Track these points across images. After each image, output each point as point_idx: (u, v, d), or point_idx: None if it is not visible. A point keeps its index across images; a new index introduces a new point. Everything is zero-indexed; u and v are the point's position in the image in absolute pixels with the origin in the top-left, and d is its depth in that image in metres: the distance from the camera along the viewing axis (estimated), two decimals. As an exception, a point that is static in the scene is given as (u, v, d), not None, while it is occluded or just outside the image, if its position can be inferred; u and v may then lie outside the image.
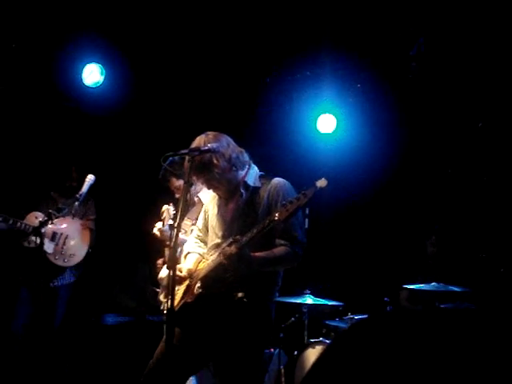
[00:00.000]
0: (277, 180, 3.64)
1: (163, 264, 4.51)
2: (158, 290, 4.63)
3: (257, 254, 3.44)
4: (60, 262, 5.59)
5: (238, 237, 3.37)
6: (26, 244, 5.45)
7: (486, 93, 6.10)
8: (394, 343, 1.64)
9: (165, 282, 4.40)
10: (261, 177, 3.70)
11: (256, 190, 3.63)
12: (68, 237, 5.68)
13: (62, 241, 5.64)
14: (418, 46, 5.88)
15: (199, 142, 3.59)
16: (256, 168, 3.75)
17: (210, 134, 3.64)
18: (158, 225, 4.49)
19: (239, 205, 3.63)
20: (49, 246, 5.53)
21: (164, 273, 4.47)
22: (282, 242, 3.52)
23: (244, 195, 3.63)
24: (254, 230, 3.34)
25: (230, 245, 3.36)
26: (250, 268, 3.41)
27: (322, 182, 3.23)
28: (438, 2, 5.51)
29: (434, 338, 1.67)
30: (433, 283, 5.55)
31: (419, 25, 5.87)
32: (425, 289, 5.67)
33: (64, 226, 5.67)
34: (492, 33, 5.61)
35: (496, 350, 1.71)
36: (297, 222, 3.56)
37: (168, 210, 4.36)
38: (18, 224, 5.35)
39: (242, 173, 3.65)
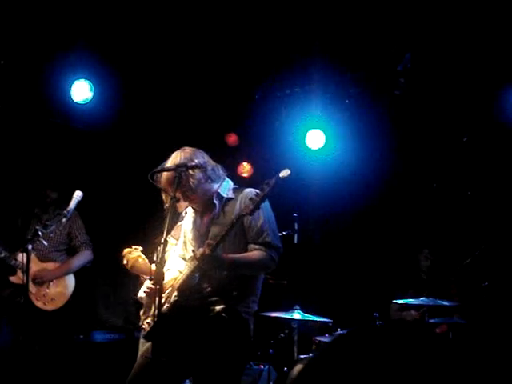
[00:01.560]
0: (248, 189, 3.69)
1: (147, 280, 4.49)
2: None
3: (229, 255, 3.49)
4: (39, 304, 5.59)
5: (209, 240, 3.43)
6: (13, 280, 5.48)
7: (471, 107, 6.15)
8: (378, 356, 1.64)
9: (144, 300, 4.41)
10: (235, 189, 3.75)
11: (229, 200, 3.70)
12: (52, 281, 5.68)
13: (45, 284, 5.64)
14: (405, 61, 5.93)
15: (176, 157, 3.66)
16: (230, 182, 3.83)
17: (187, 149, 3.73)
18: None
19: (213, 215, 3.69)
20: (33, 287, 5.53)
21: (143, 292, 4.48)
22: (256, 246, 3.57)
23: (217, 206, 3.69)
24: (225, 229, 3.42)
25: (202, 248, 3.42)
26: (222, 267, 3.46)
27: (284, 172, 3.36)
28: (425, 17, 5.56)
29: (419, 352, 1.66)
30: (422, 297, 5.56)
31: (406, 40, 5.92)
32: (414, 303, 5.69)
33: (50, 269, 5.68)
34: (477, 48, 5.66)
35: (484, 364, 1.71)
36: (269, 228, 3.62)
37: (132, 252, 4.36)
38: (10, 260, 5.38)
39: (216, 185, 3.72)
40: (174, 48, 6.34)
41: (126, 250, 4.31)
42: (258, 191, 3.38)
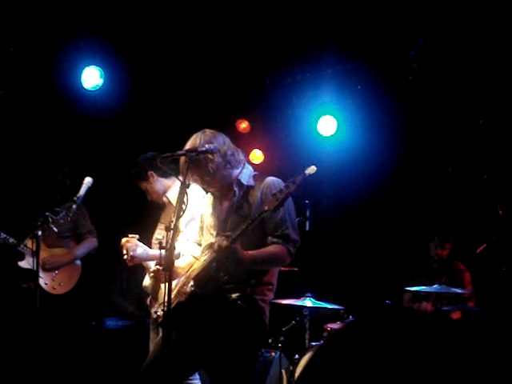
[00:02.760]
0: (270, 179, 3.62)
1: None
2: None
3: (251, 252, 3.42)
4: (48, 289, 5.62)
5: (229, 232, 3.36)
6: (22, 265, 5.53)
7: (486, 90, 6.06)
8: (389, 343, 1.59)
9: (149, 290, 4.40)
10: (255, 176, 3.68)
11: (249, 188, 3.62)
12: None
13: (53, 269, 5.69)
14: (417, 46, 5.84)
15: (195, 139, 3.60)
16: (250, 168, 3.74)
17: (207, 131, 3.65)
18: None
19: (233, 203, 3.62)
20: (42, 272, 5.56)
21: (147, 281, 4.47)
22: (274, 239, 3.50)
23: (237, 193, 3.62)
24: (245, 224, 3.33)
25: (221, 240, 3.35)
26: (241, 265, 3.39)
27: (310, 169, 3.25)
28: (437, 1, 5.48)
29: (434, 339, 1.61)
30: (435, 285, 5.52)
31: (418, 25, 5.84)
32: (427, 291, 5.64)
33: (58, 256, 5.73)
34: (492, 30, 5.58)
35: (497, 353, 1.66)
36: (289, 220, 3.55)
37: (129, 240, 4.30)
38: (19, 246, 5.46)
39: (236, 171, 3.65)
40: (184, 34, 6.30)
41: (124, 240, 4.25)
42: (281, 187, 3.27)
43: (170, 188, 4.71)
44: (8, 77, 6.26)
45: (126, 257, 4.20)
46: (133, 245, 4.19)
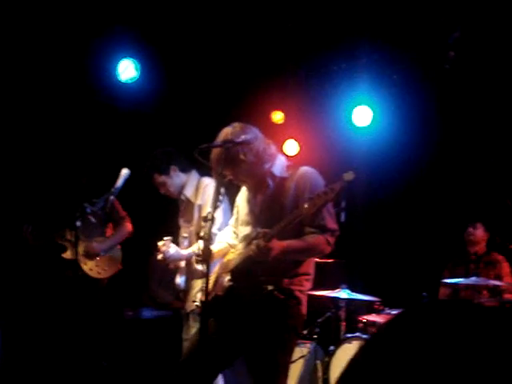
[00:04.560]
0: (304, 169, 3.57)
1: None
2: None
3: (286, 242, 3.39)
4: (93, 273, 5.69)
5: (265, 230, 3.32)
6: (66, 256, 5.64)
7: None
8: (435, 338, 1.56)
9: (182, 286, 4.49)
10: (288, 167, 3.65)
11: (283, 180, 3.57)
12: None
13: (95, 256, 5.76)
14: (455, 34, 5.75)
15: (226, 134, 3.55)
16: (283, 158, 3.68)
17: (237, 125, 3.59)
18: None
19: (267, 196, 3.58)
20: (85, 261, 5.65)
21: (179, 278, 4.55)
22: (312, 229, 3.46)
23: (271, 186, 3.58)
24: (282, 223, 3.30)
25: (257, 238, 3.32)
26: (280, 258, 3.37)
27: (349, 176, 3.15)
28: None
29: (477, 332, 1.57)
30: (473, 277, 5.45)
31: (456, 12, 5.75)
32: (464, 283, 5.57)
33: (98, 242, 5.81)
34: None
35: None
36: (326, 210, 3.47)
37: (165, 244, 4.36)
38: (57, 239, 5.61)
39: (268, 164, 3.59)
40: (217, 26, 6.29)
41: (160, 244, 4.31)
42: (319, 192, 3.19)
43: (185, 184, 4.78)
44: (44, 70, 6.33)
45: (160, 258, 4.29)
46: (167, 247, 4.26)
